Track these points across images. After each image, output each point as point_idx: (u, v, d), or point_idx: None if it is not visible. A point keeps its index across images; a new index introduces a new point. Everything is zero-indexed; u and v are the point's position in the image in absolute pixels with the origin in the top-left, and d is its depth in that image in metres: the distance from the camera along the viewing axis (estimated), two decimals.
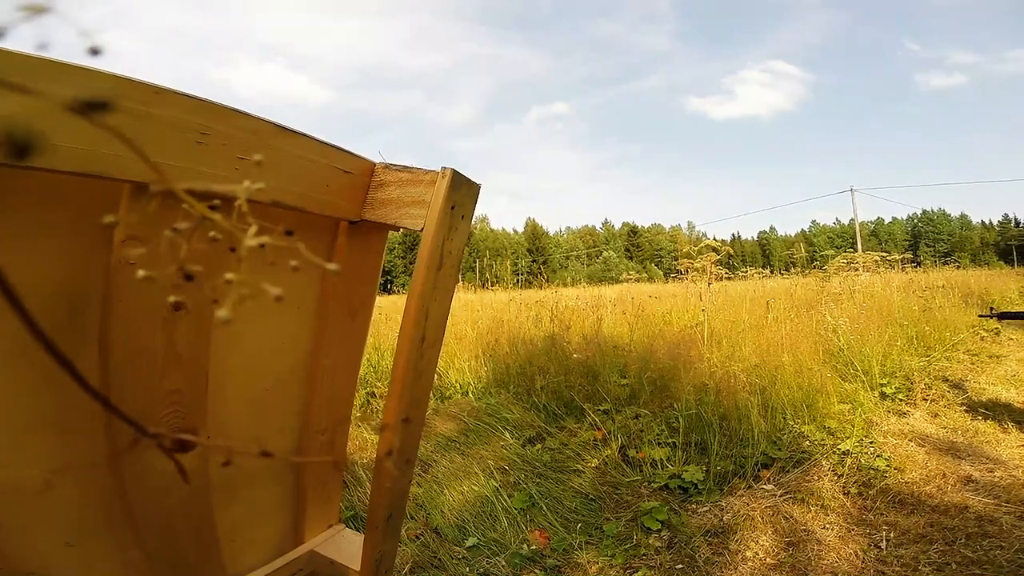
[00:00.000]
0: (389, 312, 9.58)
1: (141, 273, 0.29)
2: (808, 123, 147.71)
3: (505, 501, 2.65)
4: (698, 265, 6.85)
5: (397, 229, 0.77)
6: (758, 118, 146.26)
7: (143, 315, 0.62)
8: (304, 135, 0.69)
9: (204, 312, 0.68)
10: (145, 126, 0.53)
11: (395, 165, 0.77)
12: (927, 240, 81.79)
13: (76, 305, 0.60)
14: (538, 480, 2.87)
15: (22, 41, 0.23)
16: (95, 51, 0.24)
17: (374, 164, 0.79)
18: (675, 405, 3.13)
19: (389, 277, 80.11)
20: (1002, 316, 3.54)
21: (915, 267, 14.27)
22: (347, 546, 0.99)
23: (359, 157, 0.76)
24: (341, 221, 0.80)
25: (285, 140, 0.66)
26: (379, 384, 4.34)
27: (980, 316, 4.12)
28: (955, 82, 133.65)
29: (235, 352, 0.81)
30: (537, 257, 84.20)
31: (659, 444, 2.95)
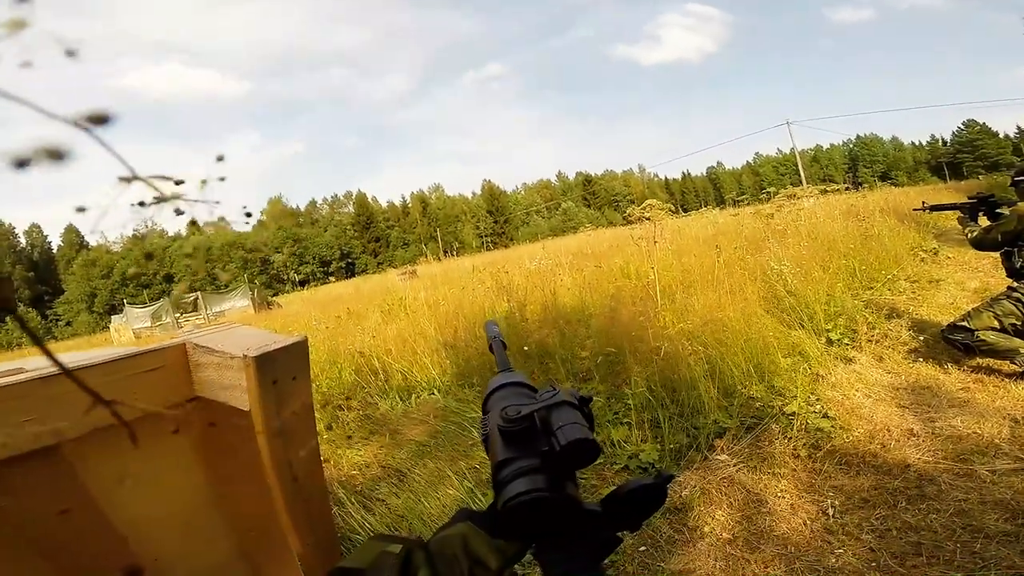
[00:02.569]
0: (352, 303, 9.48)
1: None
2: (737, 62, 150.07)
3: (481, 502, 2.70)
4: (647, 215, 6.85)
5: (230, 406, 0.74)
6: (687, 62, 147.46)
7: (36, 527, 0.62)
8: (95, 364, 0.65)
9: (89, 505, 0.67)
10: None
11: (203, 347, 0.73)
12: (864, 163, 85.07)
13: None
14: None
15: None
16: (70, 53, 0.27)
17: (184, 345, 0.75)
18: (628, 382, 3.19)
19: (350, 259, 78.65)
20: (934, 208, 3.89)
21: (857, 189, 14.77)
22: None
23: (166, 349, 0.73)
24: (177, 406, 0.76)
25: (68, 385, 0.63)
26: (342, 399, 4.30)
27: (914, 210, 4.44)
28: (864, 16, 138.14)
29: (140, 512, 0.79)
30: (498, 217, 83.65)
31: (617, 424, 3.03)
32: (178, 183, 0.32)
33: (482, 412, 0.59)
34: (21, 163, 0.24)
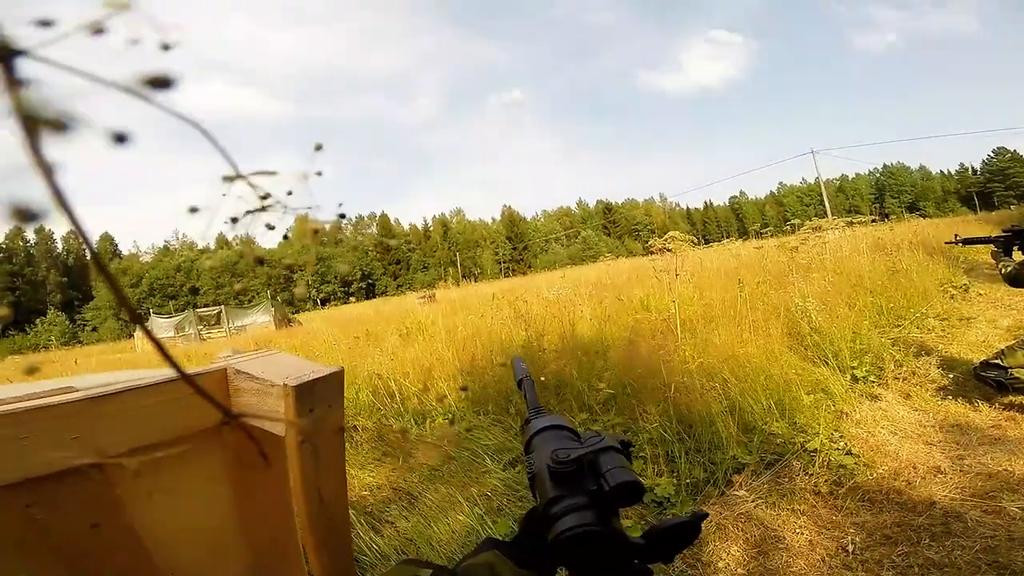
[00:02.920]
0: (371, 324, 9.57)
1: None
2: (760, 89, 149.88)
3: (491, 528, 2.67)
4: (669, 246, 6.83)
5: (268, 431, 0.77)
6: (710, 88, 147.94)
7: (66, 539, 0.65)
8: (144, 387, 0.68)
9: (118, 519, 0.70)
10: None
11: (244, 373, 0.76)
12: (892, 193, 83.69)
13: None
14: (520, 503, 2.90)
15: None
16: (166, 47, 0.26)
17: (225, 370, 0.78)
18: (644, 416, 3.16)
19: (370, 280, 79.71)
20: (967, 242, 3.70)
21: (884, 220, 14.57)
22: None
23: (209, 373, 0.76)
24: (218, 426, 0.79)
25: (116, 405, 0.65)
26: (358, 418, 4.32)
27: (946, 243, 4.39)
28: (888, 40, 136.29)
29: (165, 527, 0.82)
30: (517, 244, 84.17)
31: (633, 457, 2.98)
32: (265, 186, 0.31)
33: (525, 451, 0.64)
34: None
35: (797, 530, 2.30)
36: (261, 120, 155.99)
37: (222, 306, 27.70)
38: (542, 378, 3.86)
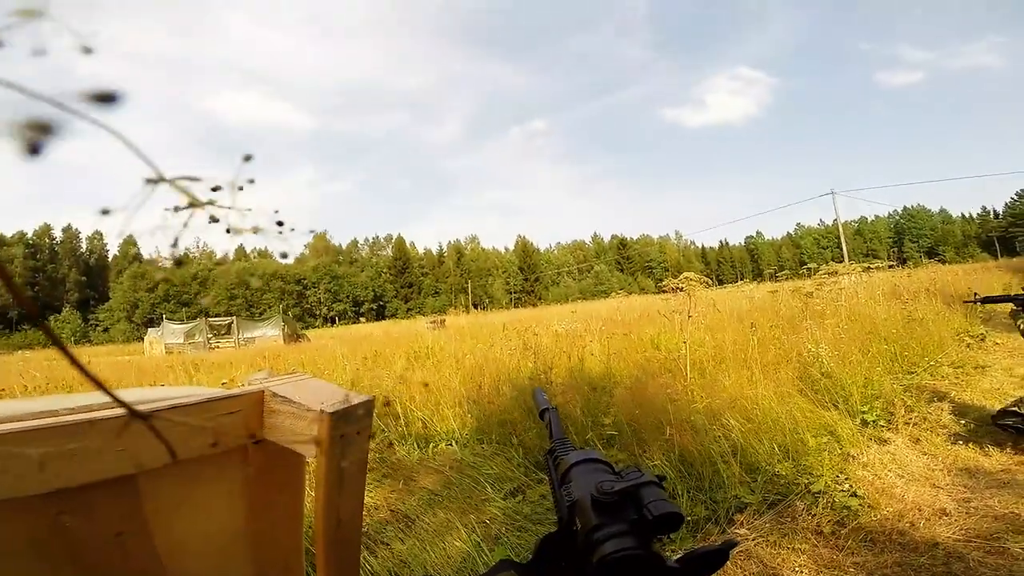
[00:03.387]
0: (379, 346, 9.61)
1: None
2: (780, 127, 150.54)
3: (487, 555, 2.65)
4: (682, 286, 6.83)
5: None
6: (731, 125, 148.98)
7: (91, 544, 0.69)
8: (188, 404, 0.73)
9: (142, 531, 0.74)
10: None
11: (280, 396, 0.81)
12: (911, 236, 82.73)
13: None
14: (519, 533, 2.87)
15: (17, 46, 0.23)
16: (87, 50, 0.25)
17: (262, 392, 0.83)
18: (647, 452, 3.14)
19: (381, 302, 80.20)
20: (985, 300, 3.74)
21: (902, 265, 14.45)
22: None
23: (244, 395, 0.81)
24: (245, 446, 0.84)
25: (158, 420, 0.70)
26: None
27: (965, 302, 4.35)
28: (914, 79, 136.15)
29: (180, 540, 0.86)
30: (529, 275, 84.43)
31: None
32: (214, 190, 0.32)
33: (560, 482, 0.69)
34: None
35: (796, 568, 2.27)
36: (288, 133, 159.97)
37: (234, 317, 27.95)
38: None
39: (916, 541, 2.34)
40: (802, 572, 2.25)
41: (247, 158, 0.35)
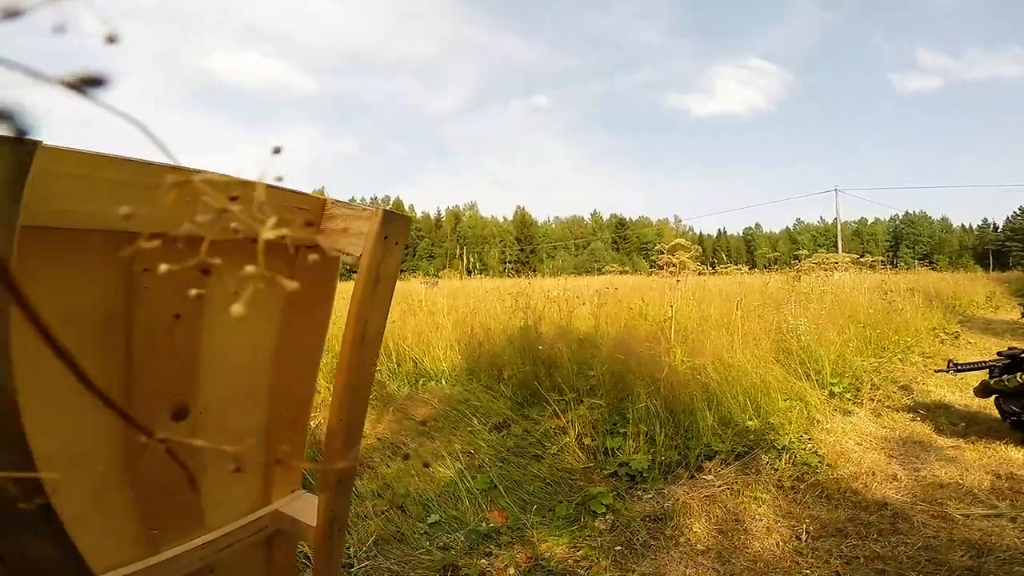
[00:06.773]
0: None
1: (163, 268, 0.31)
2: (788, 122, 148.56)
3: (469, 483, 2.81)
4: (674, 260, 6.99)
5: (343, 254, 0.93)
6: (737, 116, 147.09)
7: (152, 321, 0.81)
8: (267, 185, 0.85)
9: (195, 319, 0.87)
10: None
11: (340, 202, 0.93)
12: (908, 242, 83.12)
13: (107, 324, 0.80)
14: (501, 464, 3.05)
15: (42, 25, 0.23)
16: (111, 39, 0.26)
17: (325, 200, 0.95)
18: (630, 397, 3.31)
19: None
20: (960, 369, 3.47)
21: (892, 268, 14.62)
22: (306, 507, 1.16)
23: (313, 196, 0.93)
24: (300, 246, 0.96)
25: (247, 190, 0.81)
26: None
27: (937, 371, 4.03)
28: (931, 85, 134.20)
29: (220, 349, 0.98)
30: (525, 246, 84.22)
31: (613, 434, 3.14)
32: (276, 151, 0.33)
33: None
34: None
35: (757, 516, 2.46)
36: (288, 92, 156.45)
37: None
38: (533, 356, 4.01)
39: (868, 500, 2.54)
40: (762, 520, 2.43)
41: (276, 151, 0.35)
